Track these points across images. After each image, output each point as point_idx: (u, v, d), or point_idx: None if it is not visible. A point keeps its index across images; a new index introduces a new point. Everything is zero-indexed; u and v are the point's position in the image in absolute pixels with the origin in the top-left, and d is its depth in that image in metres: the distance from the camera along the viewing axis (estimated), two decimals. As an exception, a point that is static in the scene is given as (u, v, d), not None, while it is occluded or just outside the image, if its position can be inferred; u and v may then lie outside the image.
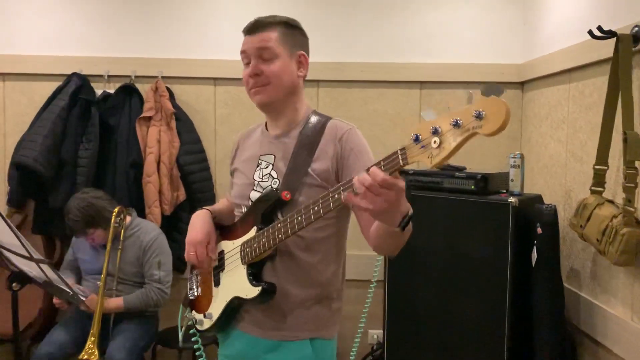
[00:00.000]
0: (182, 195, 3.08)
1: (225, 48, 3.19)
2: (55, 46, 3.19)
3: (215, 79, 3.22)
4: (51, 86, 3.13)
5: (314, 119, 1.59)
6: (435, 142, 1.11)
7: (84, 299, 1.51)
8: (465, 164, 2.69)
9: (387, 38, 3.22)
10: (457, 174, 2.49)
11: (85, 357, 2.46)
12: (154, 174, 2.97)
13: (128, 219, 2.75)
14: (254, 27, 1.53)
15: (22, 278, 1.53)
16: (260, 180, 1.59)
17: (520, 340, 2.36)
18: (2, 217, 1.35)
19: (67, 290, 1.47)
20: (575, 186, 2.50)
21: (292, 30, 1.57)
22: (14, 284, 1.52)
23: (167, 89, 3.11)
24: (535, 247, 2.33)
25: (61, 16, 3.20)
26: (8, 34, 3.18)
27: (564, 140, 2.63)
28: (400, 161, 1.16)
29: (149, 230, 2.76)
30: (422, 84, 3.25)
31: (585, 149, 2.42)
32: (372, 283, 2.28)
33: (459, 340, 2.49)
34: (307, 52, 1.60)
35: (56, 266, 2.75)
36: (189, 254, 1.61)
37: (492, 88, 1.05)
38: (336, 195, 1.28)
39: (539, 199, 2.56)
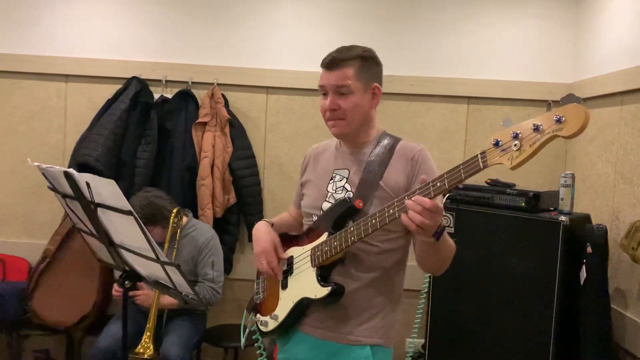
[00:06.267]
0: (232, 198, 3.18)
1: (278, 59, 3.31)
2: (117, 51, 3.32)
3: (267, 87, 3.33)
4: (111, 89, 3.26)
5: (385, 138, 1.70)
6: (515, 145, 1.21)
7: (200, 299, 1.65)
8: (508, 179, 2.73)
9: (438, 53, 3.29)
10: (508, 190, 2.53)
11: (141, 350, 2.57)
12: (207, 177, 3.08)
13: (184, 219, 2.86)
14: (332, 64, 1.60)
15: (134, 276, 1.67)
16: (334, 192, 1.67)
17: (566, 359, 2.40)
18: (136, 220, 1.46)
19: (184, 292, 1.59)
20: (624, 208, 2.53)
21: (367, 63, 1.63)
22: (126, 282, 1.66)
23: (222, 95, 3.23)
24: (584, 266, 2.36)
25: (123, 22, 3.33)
26: (73, 38, 3.32)
27: (613, 162, 2.66)
28: (481, 164, 1.28)
29: (204, 231, 2.86)
30: (469, 99, 3.31)
31: (637, 172, 2.45)
32: (422, 294, 2.35)
33: (503, 357, 2.53)
34: (381, 80, 1.68)
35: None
36: (261, 263, 1.70)
37: (571, 97, 1.17)
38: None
39: (587, 218, 2.60)
